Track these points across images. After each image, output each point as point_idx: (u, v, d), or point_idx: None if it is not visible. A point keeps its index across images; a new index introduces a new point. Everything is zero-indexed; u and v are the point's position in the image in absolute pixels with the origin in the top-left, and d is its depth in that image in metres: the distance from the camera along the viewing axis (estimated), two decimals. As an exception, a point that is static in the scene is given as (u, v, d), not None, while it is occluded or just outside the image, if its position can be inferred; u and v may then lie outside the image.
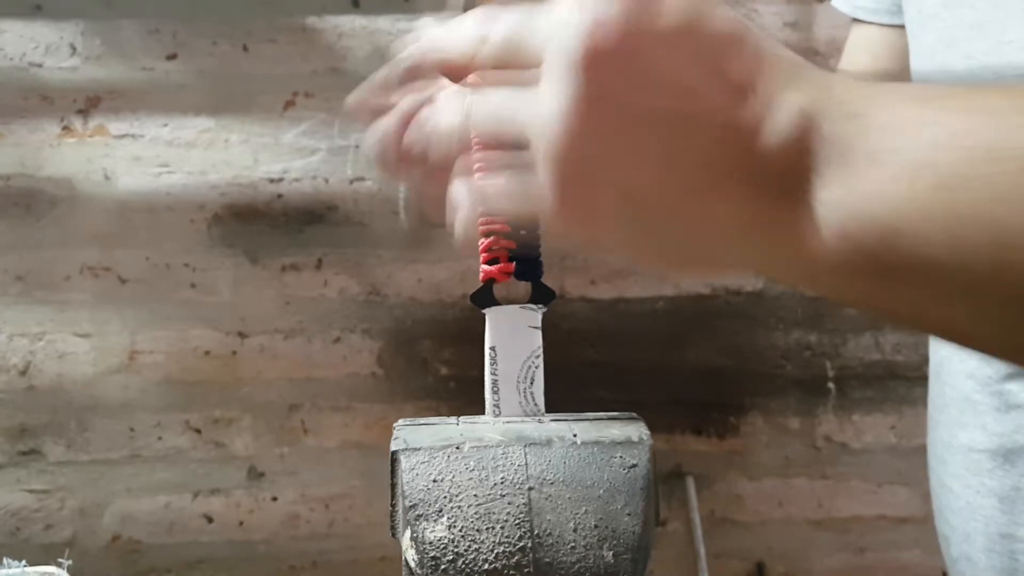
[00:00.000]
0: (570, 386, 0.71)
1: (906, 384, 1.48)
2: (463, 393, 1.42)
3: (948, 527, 0.70)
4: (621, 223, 0.37)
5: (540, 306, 0.57)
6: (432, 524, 0.48)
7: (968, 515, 0.67)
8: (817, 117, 0.34)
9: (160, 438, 1.42)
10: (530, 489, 0.49)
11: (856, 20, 0.77)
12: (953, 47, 0.62)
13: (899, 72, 0.74)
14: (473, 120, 0.40)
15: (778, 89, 0.35)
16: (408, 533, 0.48)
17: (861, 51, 0.78)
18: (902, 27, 0.70)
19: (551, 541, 0.48)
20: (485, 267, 0.57)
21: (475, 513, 0.48)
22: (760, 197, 0.35)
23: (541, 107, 0.36)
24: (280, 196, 1.41)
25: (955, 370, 0.68)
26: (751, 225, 0.35)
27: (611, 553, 0.48)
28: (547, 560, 0.47)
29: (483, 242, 0.57)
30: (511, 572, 0.47)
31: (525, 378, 0.56)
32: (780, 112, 0.34)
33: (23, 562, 0.75)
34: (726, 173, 0.35)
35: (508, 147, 0.39)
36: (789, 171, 0.34)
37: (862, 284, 0.35)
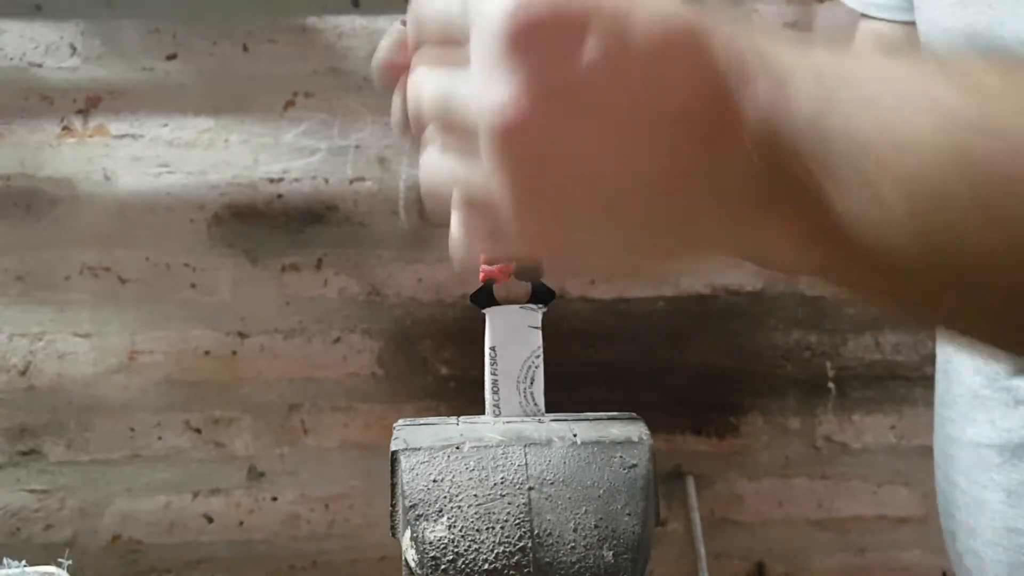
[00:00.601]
0: (570, 386, 0.71)
1: (906, 384, 1.48)
2: (463, 393, 1.42)
3: (953, 522, 0.70)
4: (586, 223, 0.34)
5: (540, 306, 0.57)
6: (432, 524, 0.48)
7: (975, 510, 0.67)
8: (777, 120, 0.32)
9: (160, 438, 1.42)
10: (530, 489, 0.49)
11: (865, 16, 0.77)
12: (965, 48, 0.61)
13: None
14: (418, 106, 0.37)
15: (732, 106, 0.33)
16: (408, 533, 0.48)
17: (869, 44, 0.78)
18: (913, 24, 0.69)
19: (551, 541, 0.48)
20: (485, 267, 0.57)
21: (475, 513, 0.48)
22: (732, 192, 0.33)
23: (478, 97, 0.33)
24: (280, 196, 1.41)
25: (963, 366, 0.68)
26: (727, 216, 0.34)
27: (611, 553, 0.48)
28: (547, 560, 0.47)
29: (483, 242, 0.57)
30: (511, 572, 0.47)
31: (525, 378, 0.56)
32: (742, 135, 0.32)
33: (23, 562, 0.75)
34: (692, 166, 0.33)
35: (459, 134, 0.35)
36: (757, 170, 0.33)
37: (808, 258, 0.34)
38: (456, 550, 0.47)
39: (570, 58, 0.32)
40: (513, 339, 0.57)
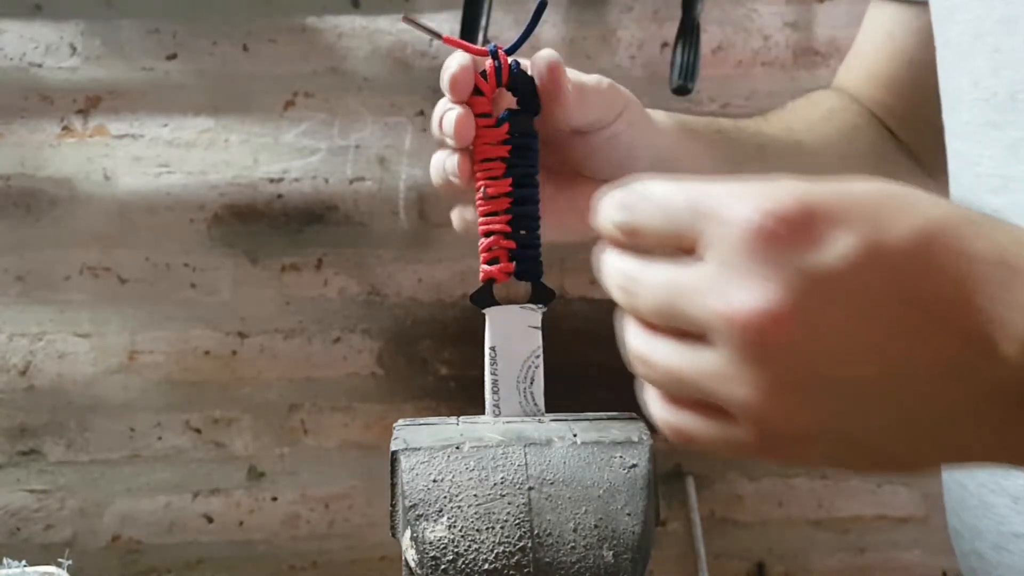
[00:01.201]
0: (570, 386, 0.71)
1: (906, 384, 1.48)
2: (463, 393, 1.42)
3: (959, 522, 0.70)
4: (836, 423, 0.33)
5: (540, 306, 0.58)
6: (432, 524, 0.48)
7: (981, 513, 0.67)
8: None
9: (160, 438, 1.42)
10: (530, 489, 0.49)
11: None
12: (979, 40, 0.59)
13: (915, 52, 0.73)
14: (634, 301, 0.37)
15: (994, 309, 0.31)
16: (408, 533, 0.48)
17: (877, 27, 0.77)
18: (924, 3, 0.69)
19: (551, 541, 0.48)
20: (485, 267, 0.57)
21: (475, 513, 0.48)
22: (1001, 395, 0.31)
23: (722, 297, 0.32)
24: (280, 196, 1.41)
25: None
26: (994, 421, 0.32)
27: (611, 553, 0.48)
28: (547, 560, 0.47)
29: (483, 242, 0.57)
30: (511, 572, 0.47)
31: (525, 378, 0.56)
32: (1005, 339, 0.31)
33: (23, 562, 0.75)
34: (952, 365, 0.31)
35: (679, 334, 0.35)
36: None
37: None
38: (456, 550, 0.47)
39: (821, 257, 0.31)
40: (513, 339, 0.57)
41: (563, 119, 0.57)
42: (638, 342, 0.37)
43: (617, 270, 0.38)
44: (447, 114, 0.55)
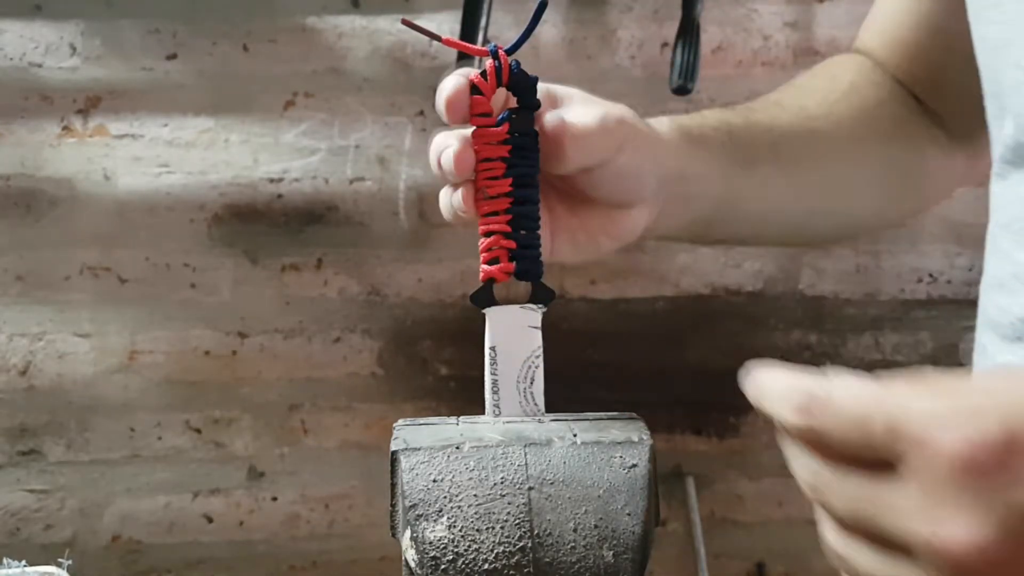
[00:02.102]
0: (570, 386, 0.71)
1: (906, 384, 1.48)
2: (463, 393, 1.42)
3: None
4: None
5: (540, 306, 0.57)
6: (432, 524, 0.47)
7: None
8: None
9: (160, 438, 1.42)
10: (530, 489, 0.49)
11: None
12: (1007, 48, 0.56)
13: (940, 19, 0.69)
14: (827, 502, 0.37)
15: None
16: (408, 533, 0.48)
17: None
18: None
19: (551, 541, 0.48)
20: (485, 267, 0.57)
21: (475, 513, 0.48)
22: None
23: (923, 523, 0.32)
24: (280, 196, 1.41)
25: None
26: None
27: (611, 553, 0.48)
28: (547, 560, 0.47)
29: (483, 242, 0.57)
30: (511, 572, 0.47)
31: (525, 378, 0.56)
32: None
33: (23, 562, 0.75)
34: None
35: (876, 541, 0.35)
36: None
37: None
38: (456, 550, 0.47)
39: None
40: (513, 339, 0.57)
41: (560, 169, 0.57)
42: (835, 540, 0.38)
43: (807, 470, 0.38)
44: (444, 152, 0.55)
